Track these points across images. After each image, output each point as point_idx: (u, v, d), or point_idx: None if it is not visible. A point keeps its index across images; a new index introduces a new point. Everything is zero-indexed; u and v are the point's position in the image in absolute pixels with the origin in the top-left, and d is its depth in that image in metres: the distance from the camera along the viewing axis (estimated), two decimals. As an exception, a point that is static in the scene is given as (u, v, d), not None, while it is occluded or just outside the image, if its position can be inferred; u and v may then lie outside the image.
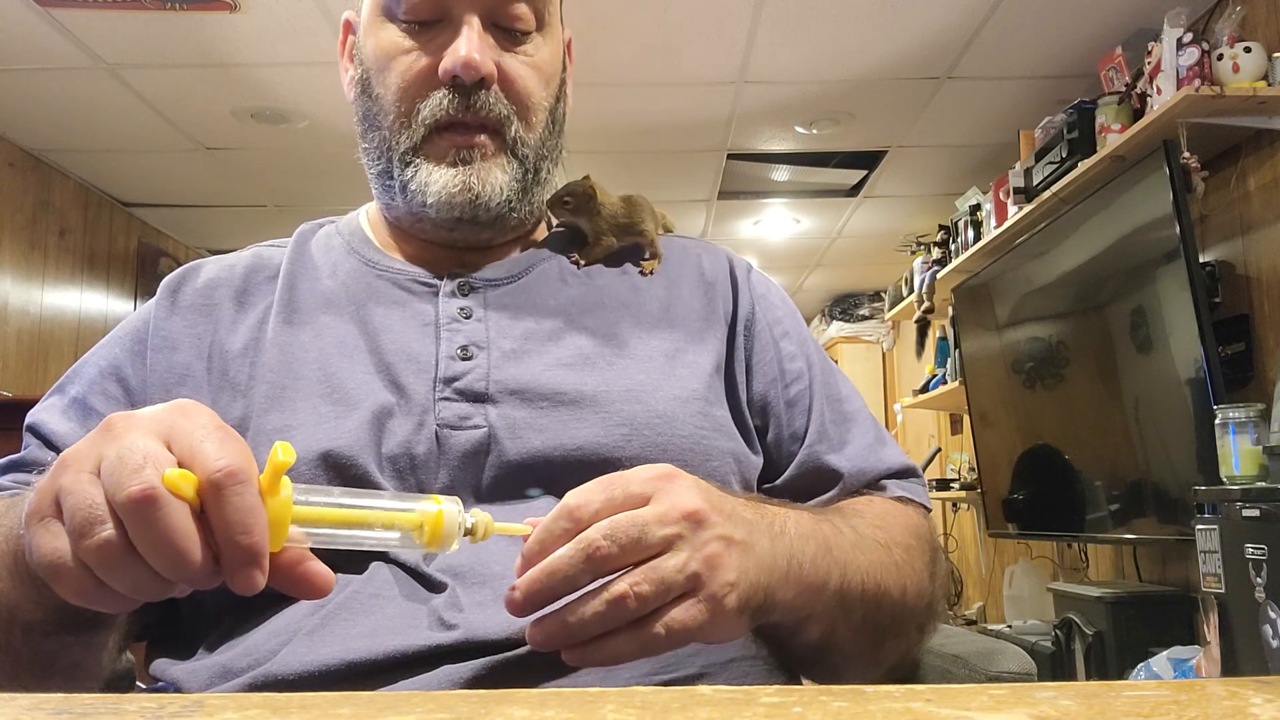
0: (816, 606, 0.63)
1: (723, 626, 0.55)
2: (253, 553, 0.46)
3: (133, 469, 0.45)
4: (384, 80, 0.80)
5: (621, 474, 0.56)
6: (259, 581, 0.47)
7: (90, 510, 0.45)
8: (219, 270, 0.84)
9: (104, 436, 0.48)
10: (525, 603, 0.53)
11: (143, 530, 0.45)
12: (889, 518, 0.76)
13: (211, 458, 0.46)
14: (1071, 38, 2.79)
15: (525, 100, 0.80)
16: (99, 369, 0.78)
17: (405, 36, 0.79)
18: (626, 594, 0.52)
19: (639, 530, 0.53)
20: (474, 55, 0.76)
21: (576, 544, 0.52)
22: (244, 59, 2.88)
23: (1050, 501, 2.89)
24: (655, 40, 2.80)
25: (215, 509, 0.46)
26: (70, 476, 0.47)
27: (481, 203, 0.78)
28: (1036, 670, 0.79)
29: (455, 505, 0.54)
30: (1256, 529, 1.61)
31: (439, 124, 0.78)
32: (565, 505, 0.54)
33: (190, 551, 0.45)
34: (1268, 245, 2.31)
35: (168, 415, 0.49)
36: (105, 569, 0.46)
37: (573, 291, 0.83)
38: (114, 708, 0.34)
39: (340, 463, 0.69)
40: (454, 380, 0.74)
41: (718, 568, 0.54)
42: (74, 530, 0.46)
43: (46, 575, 0.47)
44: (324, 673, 0.61)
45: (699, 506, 0.55)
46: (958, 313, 3.57)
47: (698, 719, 0.32)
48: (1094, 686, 0.36)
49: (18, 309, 3.60)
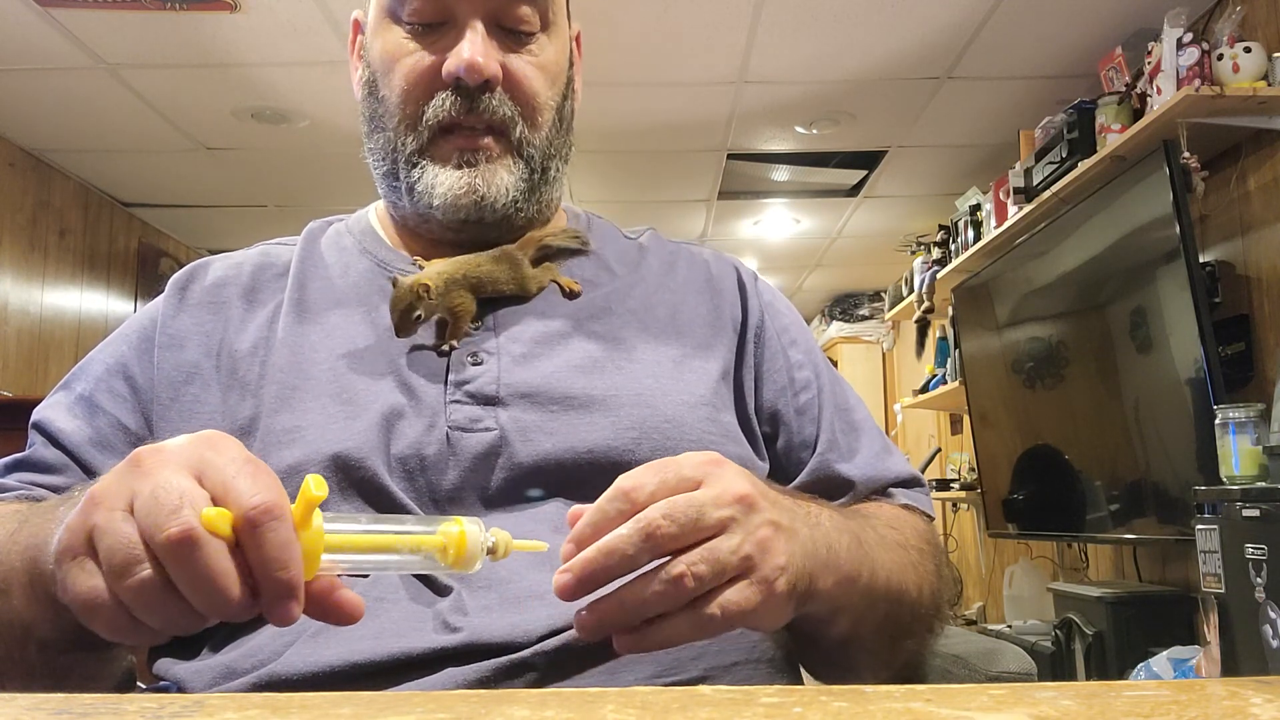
0: (850, 598, 0.63)
1: (774, 609, 0.55)
2: (290, 586, 0.46)
3: (170, 509, 0.45)
4: (389, 82, 0.80)
5: (673, 459, 0.56)
6: (296, 613, 0.47)
7: (128, 551, 0.45)
8: (227, 268, 0.84)
9: (133, 472, 0.48)
10: (579, 584, 0.52)
11: (182, 570, 0.45)
12: (900, 521, 0.77)
13: (246, 494, 0.46)
14: (1071, 38, 2.79)
15: (531, 101, 0.80)
16: (106, 366, 0.78)
17: (410, 39, 0.79)
18: (685, 574, 0.52)
19: (697, 511, 0.53)
20: (477, 58, 0.76)
21: (635, 523, 0.52)
22: (244, 59, 2.88)
23: (1050, 501, 2.89)
24: (655, 40, 2.80)
25: (252, 545, 0.46)
26: (103, 515, 0.47)
27: (487, 204, 0.79)
28: (1036, 670, 0.79)
29: (476, 525, 0.54)
30: (1256, 529, 1.61)
31: (443, 126, 0.78)
32: (619, 487, 0.54)
33: (229, 589, 0.46)
34: (1268, 245, 2.31)
35: (196, 449, 0.49)
36: (143, 607, 0.46)
37: (582, 297, 0.83)
38: (114, 708, 0.34)
39: (349, 464, 0.69)
40: (465, 383, 0.74)
41: (769, 551, 0.55)
42: (111, 570, 0.46)
43: (82, 613, 0.47)
44: (328, 674, 0.61)
45: (749, 491, 0.55)
46: (958, 313, 3.57)
47: (698, 719, 0.32)
48: (1094, 686, 0.36)
49: (18, 309, 3.60)
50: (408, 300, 0.74)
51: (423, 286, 0.73)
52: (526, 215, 0.83)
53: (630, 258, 0.89)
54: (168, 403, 0.75)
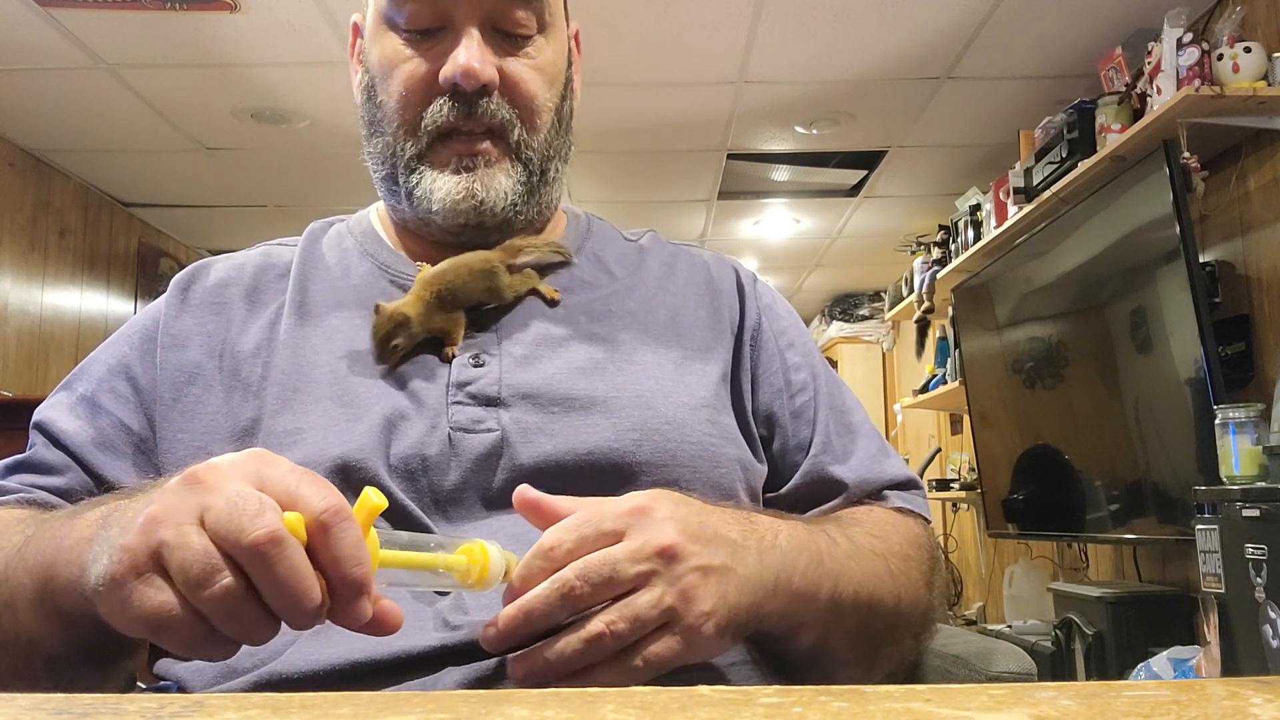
0: (808, 615, 0.64)
1: (703, 651, 0.57)
2: (364, 583, 0.48)
3: (252, 514, 0.46)
4: (387, 88, 0.80)
5: (596, 508, 0.58)
6: (368, 611, 0.49)
7: (207, 561, 0.46)
8: (229, 269, 0.84)
9: (196, 488, 0.49)
10: (502, 638, 0.55)
11: (267, 572, 0.46)
12: (888, 526, 0.77)
13: (315, 499, 0.48)
14: (1071, 38, 2.79)
15: (529, 104, 0.80)
16: (108, 366, 0.78)
17: (406, 45, 0.79)
18: (603, 632, 0.54)
19: (610, 569, 0.54)
20: (473, 63, 0.76)
21: (551, 584, 0.54)
22: (244, 59, 2.88)
23: (1050, 501, 2.89)
24: (655, 40, 2.80)
25: (325, 546, 0.47)
26: (172, 531, 0.47)
27: (486, 208, 0.79)
28: (1036, 670, 0.79)
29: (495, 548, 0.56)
30: (1256, 529, 1.61)
31: (442, 131, 0.78)
32: (541, 545, 0.56)
33: (313, 589, 0.47)
34: (1268, 245, 2.31)
35: (251, 463, 0.51)
36: (223, 616, 0.47)
37: (582, 299, 0.83)
38: (114, 708, 0.34)
39: (350, 465, 0.69)
40: (466, 385, 0.74)
41: (693, 600, 0.56)
42: (189, 583, 0.46)
43: (153, 631, 0.48)
44: (328, 673, 0.61)
45: (673, 541, 0.56)
46: (958, 313, 3.57)
47: (698, 719, 0.32)
48: (1094, 686, 0.36)
49: (18, 309, 3.60)
50: (386, 329, 0.74)
51: (401, 315, 0.74)
52: (526, 217, 0.83)
53: (630, 260, 0.89)
54: (170, 403, 0.75)
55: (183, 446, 0.73)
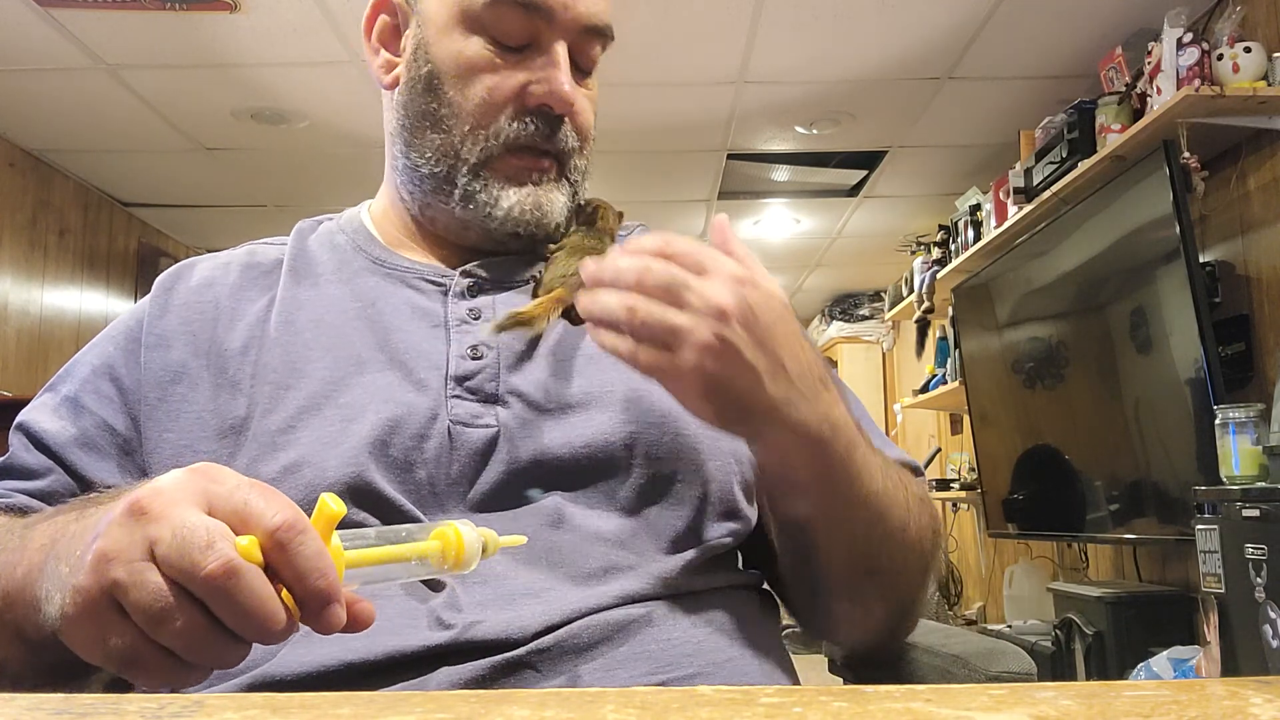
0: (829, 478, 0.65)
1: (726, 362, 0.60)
2: (331, 592, 0.47)
3: (202, 546, 0.44)
4: (464, 90, 0.80)
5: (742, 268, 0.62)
6: (341, 616, 0.47)
7: (163, 599, 0.45)
8: (214, 268, 0.84)
9: (140, 521, 0.46)
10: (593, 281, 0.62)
11: (227, 603, 0.45)
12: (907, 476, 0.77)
13: (266, 515, 0.46)
14: (1071, 38, 2.79)
15: (586, 133, 0.84)
16: (92, 367, 0.78)
17: (494, 54, 0.80)
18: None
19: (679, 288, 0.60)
20: (569, 90, 0.79)
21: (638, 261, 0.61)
22: (244, 59, 2.88)
23: (1050, 501, 2.89)
24: (655, 40, 2.80)
25: (285, 563, 0.46)
26: (124, 569, 0.45)
27: (547, 221, 0.81)
28: (1036, 670, 0.79)
29: (467, 526, 0.55)
30: (1256, 529, 1.61)
31: (519, 144, 0.80)
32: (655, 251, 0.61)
33: (276, 612, 0.45)
34: (1268, 245, 2.31)
35: (196, 482, 0.48)
36: (191, 649, 0.46)
37: None
38: (114, 708, 0.34)
39: (344, 463, 0.68)
40: (465, 379, 0.74)
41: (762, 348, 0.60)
42: (149, 621, 0.45)
43: (121, 669, 0.47)
44: (322, 673, 0.61)
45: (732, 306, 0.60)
46: (958, 313, 3.57)
47: (698, 719, 0.32)
48: (1094, 686, 0.36)
49: (18, 309, 3.60)
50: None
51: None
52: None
53: None
54: (155, 403, 0.75)
55: (169, 446, 0.73)
